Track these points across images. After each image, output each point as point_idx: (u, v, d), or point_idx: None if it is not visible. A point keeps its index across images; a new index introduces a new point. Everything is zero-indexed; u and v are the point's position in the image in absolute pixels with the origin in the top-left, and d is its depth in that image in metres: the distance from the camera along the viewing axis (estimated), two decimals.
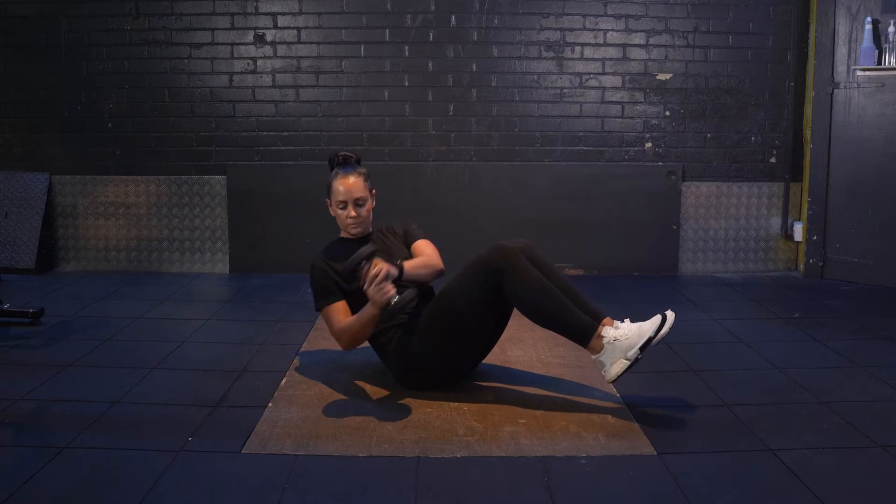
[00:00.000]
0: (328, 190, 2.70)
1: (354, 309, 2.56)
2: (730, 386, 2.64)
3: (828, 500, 1.88)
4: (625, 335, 2.34)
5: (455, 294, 2.47)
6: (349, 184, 2.64)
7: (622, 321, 2.43)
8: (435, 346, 2.50)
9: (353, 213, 2.65)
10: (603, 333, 2.36)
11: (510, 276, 2.38)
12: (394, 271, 2.41)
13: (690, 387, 2.64)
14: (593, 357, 2.39)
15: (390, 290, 2.36)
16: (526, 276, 2.38)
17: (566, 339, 2.46)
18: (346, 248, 2.62)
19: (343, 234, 2.75)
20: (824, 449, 2.15)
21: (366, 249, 2.42)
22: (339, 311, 2.57)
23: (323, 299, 2.59)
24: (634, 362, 2.32)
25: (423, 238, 2.78)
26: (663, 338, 2.33)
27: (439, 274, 2.65)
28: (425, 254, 2.70)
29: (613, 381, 2.39)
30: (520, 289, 2.38)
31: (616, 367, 2.34)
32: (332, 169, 2.72)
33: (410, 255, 2.72)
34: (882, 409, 2.44)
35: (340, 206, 2.66)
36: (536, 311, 2.40)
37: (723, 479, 1.99)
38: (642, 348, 2.31)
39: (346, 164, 2.70)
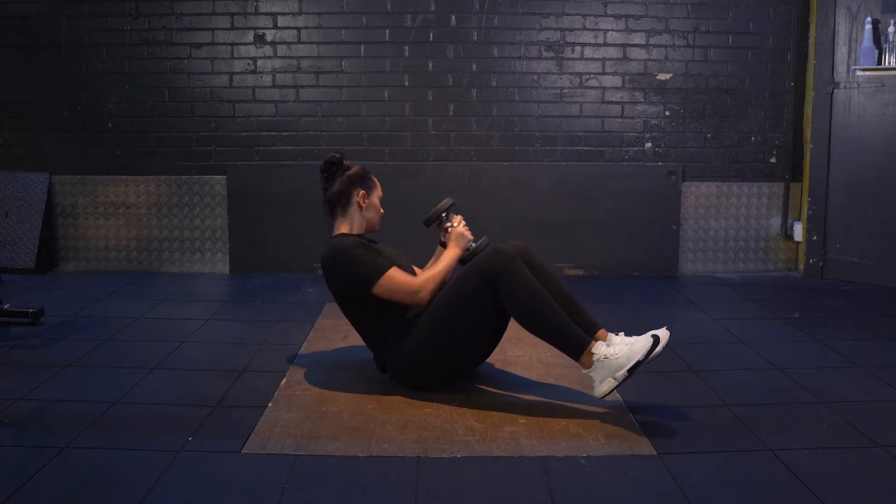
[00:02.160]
0: (367, 181, 2.74)
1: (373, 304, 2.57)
2: (730, 386, 2.64)
3: (828, 500, 1.88)
4: (615, 354, 2.30)
5: (453, 297, 2.47)
6: None
7: (616, 334, 2.41)
8: (434, 348, 2.50)
9: (382, 211, 2.81)
10: (594, 350, 2.33)
11: (505, 281, 2.36)
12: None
13: (690, 387, 2.64)
14: (584, 372, 2.37)
15: (470, 235, 2.68)
16: (521, 282, 2.36)
17: None
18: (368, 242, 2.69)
19: (353, 231, 2.70)
20: (824, 449, 2.15)
21: (446, 202, 2.70)
22: (401, 272, 2.52)
23: (380, 266, 2.50)
24: (622, 382, 2.29)
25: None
26: (656, 356, 2.29)
27: None
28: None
29: (602, 398, 2.36)
30: (514, 296, 2.36)
31: (605, 385, 2.32)
32: (336, 172, 2.71)
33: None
34: (882, 409, 2.44)
35: (381, 200, 2.79)
36: (528, 320, 2.38)
37: (723, 479, 1.99)
38: (630, 371, 2.27)
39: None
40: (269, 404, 2.47)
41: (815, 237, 4.37)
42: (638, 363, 2.26)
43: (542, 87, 4.42)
